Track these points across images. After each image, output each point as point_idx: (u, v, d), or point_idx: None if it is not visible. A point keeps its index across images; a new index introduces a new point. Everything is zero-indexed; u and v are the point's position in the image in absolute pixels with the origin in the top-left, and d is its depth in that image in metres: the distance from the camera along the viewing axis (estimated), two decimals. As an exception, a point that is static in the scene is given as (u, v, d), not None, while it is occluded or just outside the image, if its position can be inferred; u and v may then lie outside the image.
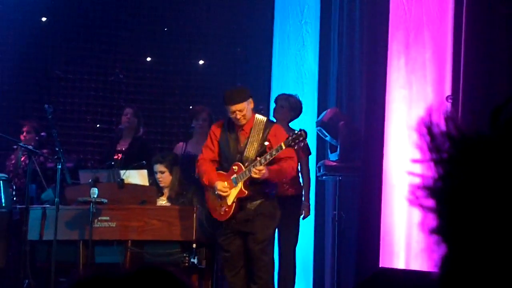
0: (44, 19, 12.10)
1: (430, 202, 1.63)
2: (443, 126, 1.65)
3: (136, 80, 12.39)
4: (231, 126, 8.47)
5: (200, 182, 9.03)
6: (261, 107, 9.24)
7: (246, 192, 8.37)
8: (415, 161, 1.66)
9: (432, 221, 1.63)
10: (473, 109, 8.64)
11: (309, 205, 9.56)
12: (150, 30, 12.47)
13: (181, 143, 10.37)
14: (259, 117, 8.48)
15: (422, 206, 1.62)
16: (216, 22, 12.34)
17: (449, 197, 1.62)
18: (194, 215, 8.85)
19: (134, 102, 11.44)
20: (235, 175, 8.35)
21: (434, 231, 1.63)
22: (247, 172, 8.29)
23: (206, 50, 12.37)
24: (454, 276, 1.63)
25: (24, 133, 10.30)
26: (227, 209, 8.42)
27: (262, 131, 8.39)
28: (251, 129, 8.39)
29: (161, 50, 12.46)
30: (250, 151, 8.34)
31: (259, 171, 8.18)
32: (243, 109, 8.37)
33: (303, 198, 9.48)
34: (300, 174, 9.44)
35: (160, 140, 11.81)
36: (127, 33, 12.45)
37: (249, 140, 8.35)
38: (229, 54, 12.28)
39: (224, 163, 8.50)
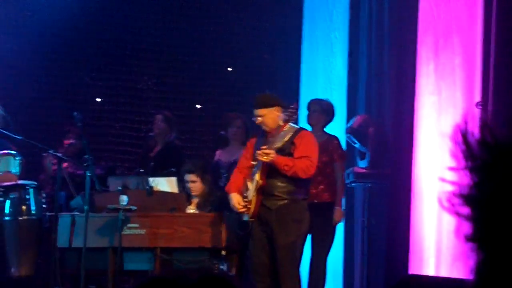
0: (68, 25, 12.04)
1: (465, 210, 1.65)
2: (477, 134, 1.66)
3: (164, 87, 12.43)
4: (264, 132, 8.55)
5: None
6: (291, 106, 9.25)
7: (261, 181, 8.38)
8: (450, 168, 1.68)
9: (468, 228, 1.65)
10: (504, 116, 8.65)
11: (340, 209, 9.49)
12: (179, 36, 12.44)
13: (219, 151, 10.42)
14: (291, 124, 8.52)
15: (457, 214, 1.65)
16: (245, 29, 12.36)
17: (484, 204, 1.63)
18: (223, 222, 8.89)
19: (163, 109, 11.37)
20: (253, 169, 8.44)
21: (469, 238, 1.65)
22: (258, 162, 8.37)
23: (235, 56, 12.37)
24: (491, 283, 1.64)
25: (70, 140, 10.34)
26: (248, 206, 8.43)
27: (289, 135, 8.41)
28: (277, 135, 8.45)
29: (190, 57, 12.42)
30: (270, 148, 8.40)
31: (266, 154, 8.23)
32: (263, 115, 8.46)
33: None
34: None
35: (189, 147, 11.79)
36: (155, 39, 12.46)
37: (272, 141, 8.40)
38: (258, 61, 12.27)
39: None
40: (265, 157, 8.26)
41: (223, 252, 8.84)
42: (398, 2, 10.43)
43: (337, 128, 10.21)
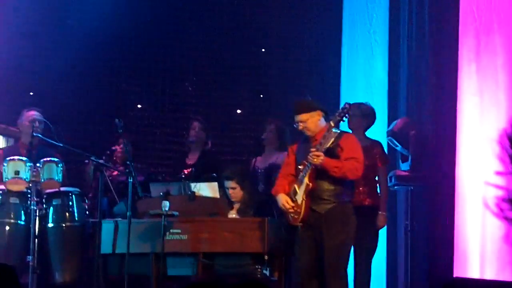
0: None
1: None
2: None
3: (204, 92, 12.43)
4: (307, 138, 8.55)
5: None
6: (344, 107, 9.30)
7: (311, 184, 8.36)
8: (497, 173, 1.68)
9: None
10: None
11: (385, 215, 9.49)
12: (218, 45, 12.44)
13: (259, 158, 10.43)
14: (333, 128, 8.43)
15: (506, 218, 1.65)
16: (284, 33, 12.29)
17: None
18: (265, 226, 8.84)
19: (203, 115, 11.43)
20: (300, 173, 8.41)
21: None
22: (308, 164, 8.33)
23: (275, 62, 12.32)
24: None
25: (122, 146, 10.36)
26: (298, 210, 8.42)
27: (333, 138, 8.34)
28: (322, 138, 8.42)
29: (229, 63, 12.41)
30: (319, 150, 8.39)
31: (316, 156, 8.21)
32: (305, 120, 8.50)
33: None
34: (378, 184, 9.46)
35: (230, 152, 11.83)
36: (195, 47, 12.43)
37: (319, 144, 8.36)
38: (298, 65, 12.21)
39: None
40: (315, 159, 8.24)
41: (266, 257, 8.77)
42: (438, 3, 10.40)
43: (379, 131, 10.27)
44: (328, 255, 8.39)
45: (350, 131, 9.23)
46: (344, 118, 8.46)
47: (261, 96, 12.37)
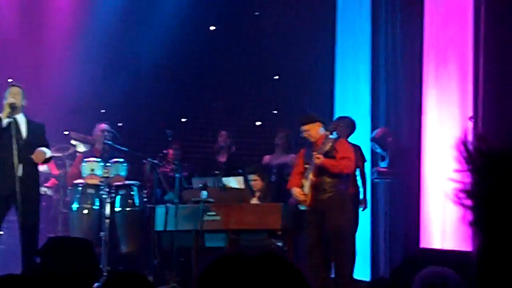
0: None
1: (468, 202, 1.66)
2: (475, 144, 1.68)
3: (229, 109, 12.25)
4: (311, 143, 8.64)
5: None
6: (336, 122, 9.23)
7: (315, 178, 8.44)
8: (455, 170, 1.69)
9: (470, 216, 1.66)
10: (492, 127, 8.60)
11: (366, 199, 9.58)
12: (240, 68, 12.23)
13: (268, 156, 10.48)
14: (330, 135, 8.57)
15: (462, 205, 1.66)
16: (290, 62, 11.88)
17: (483, 198, 1.65)
18: (279, 210, 8.89)
19: (228, 126, 11.28)
20: (307, 171, 8.52)
21: (472, 224, 1.65)
22: (312, 164, 8.45)
23: (286, 87, 12.08)
24: (490, 259, 1.65)
25: (173, 149, 10.37)
26: (305, 198, 8.52)
27: (330, 143, 8.47)
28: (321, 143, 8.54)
29: (246, 89, 12.32)
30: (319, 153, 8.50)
31: (317, 158, 8.35)
32: (308, 129, 8.59)
33: (361, 195, 9.45)
34: (359, 177, 9.43)
35: (250, 154, 11.53)
36: (223, 71, 12.20)
37: (319, 148, 8.50)
38: (301, 87, 11.84)
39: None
40: (316, 160, 8.38)
41: (279, 233, 8.91)
42: (406, 33, 10.35)
43: (363, 137, 10.19)
44: (330, 233, 8.43)
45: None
46: (336, 128, 8.56)
47: (275, 112, 12.20)
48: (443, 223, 9.27)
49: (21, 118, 8.42)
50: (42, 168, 8.90)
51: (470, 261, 1.71)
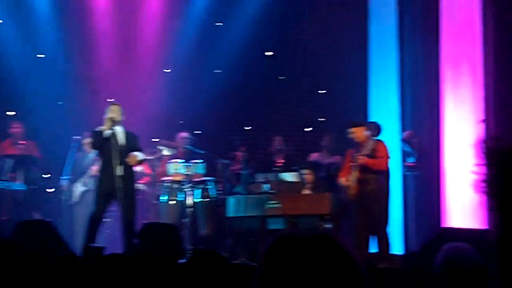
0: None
1: (487, 190, 1.70)
2: (489, 143, 1.72)
3: (284, 118, 11.96)
4: (357, 144, 8.63)
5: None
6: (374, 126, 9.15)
7: (359, 174, 8.45)
8: (476, 164, 1.73)
9: (490, 201, 1.70)
10: (503, 130, 8.55)
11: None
12: (292, 81, 11.97)
13: (315, 154, 10.42)
14: (372, 138, 8.64)
15: (483, 192, 1.70)
16: (329, 76, 11.70)
17: (498, 187, 1.69)
18: (329, 198, 8.92)
19: (284, 131, 11.12)
20: (353, 167, 8.54)
21: (490, 208, 1.70)
22: (357, 162, 8.48)
23: (330, 98, 11.84)
24: (506, 235, 1.68)
25: (240, 152, 10.32)
26: (352, 190, 8.53)
27: (371, 144, 8.51)
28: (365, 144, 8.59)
29: (297, 99, 11.95)
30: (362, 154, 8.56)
31: (361, 158, 8.41)
32: (355, 132, 8.59)
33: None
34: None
35: (301, 155, 10.98)
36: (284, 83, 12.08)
37: (363, 149, 8.54)
38: (344, 97, 11.50)
39: None
40: (360, 160, 8.41)
41: (328, 217, 8.86)
42: (426, 48, 10.17)
43: (394, 138, 10.07)
44: (372, 216, 8.46)
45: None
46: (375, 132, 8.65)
47: (321, 119, 11.91)
48: (462, 205, 9.17)
49: (120, 130, 8.54)
50: (137, 168, 8.96)
51: (484, 237, 1.73)
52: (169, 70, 11.84)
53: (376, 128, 9.32)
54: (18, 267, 1.78)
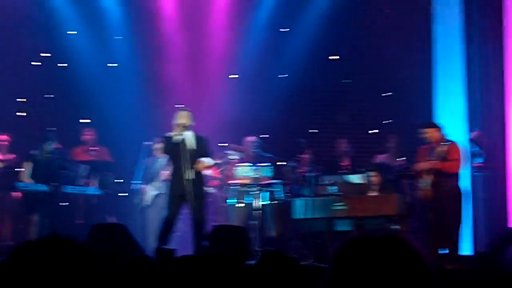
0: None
1: None
2: None
3: (351, 120, 11.95)
4: (430, 144, 8.64)
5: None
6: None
7: (432, 176, 8.42)
8: None
9: None
10: None
11: None
12: (356, 91, 11.94)
13: (381, 156, 10.33)
14: (445, 138, 8.62)
15: None
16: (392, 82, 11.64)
17: None
18: (395, 199, 8.84)
19: (349, 134, 11.10)
20: (425, 169, 8.51)
21: None
22: (430, 165, 8.47)
23: (395, 100, 11.79)
24: None
25: (307, 154, 10.29)
26: (425, 191, 8.52)
27: (445, 146, 8.50)
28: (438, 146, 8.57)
29: (367, 105, 11.90)
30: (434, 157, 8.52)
31: (434, 162, 8.37)
32: (428, 133, 8.61)
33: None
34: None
35: (364, 157, 11.06)
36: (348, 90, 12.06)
37: (436, 150, 8.53)
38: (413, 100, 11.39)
39: None
40: (434, 164, 8.41)
41: (395, 218, 8.74)
42: (491, 52, 10.12)
43: (462, 139, 9.90)
44: (446, 216, 8.43)
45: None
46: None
47: (386, 122, 11.82)
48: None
49: (190, 135, 8.62)
50: (206, 172, 9.03)
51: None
52: (236, 76, 11.97)
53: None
54: (92, 269, 1.80)
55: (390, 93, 11.79)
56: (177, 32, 11.95)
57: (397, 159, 10.01)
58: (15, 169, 9.93)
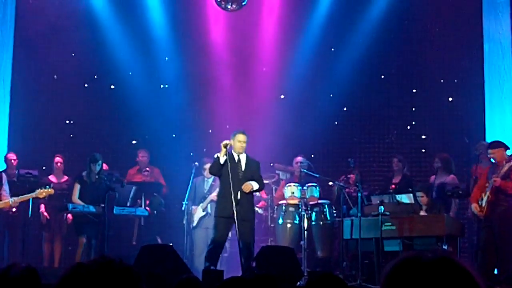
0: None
1: None
2: None
3: (400, 139, 11.82)
4: (495, 163, 8.61)
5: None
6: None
7: (491, 196, 8.39)
8: None
9: None
10: None
11: None
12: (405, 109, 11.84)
13: (433, 176, 10.16)
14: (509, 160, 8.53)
15: None
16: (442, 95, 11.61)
17: None
18: (444, 219, 8.76)
19: (402, 154, 10.93)
20: (486, 187, 8.47)
21: None
22: (491, 183, 8.41)
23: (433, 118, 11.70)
24: None
25: (355, 174, 10.09)
26: (482, 210, 8.50)
27: (508, 166, 8.43)
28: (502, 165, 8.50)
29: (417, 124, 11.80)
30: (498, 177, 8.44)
31: (495, 180, 8.33)
32: (494, 153, 8.61)
33: None
34: None
35: (419, 175, 11.19)
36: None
37: (499, 170, 8.45)
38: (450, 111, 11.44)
39: None
40: (495, 182, 8.34)
41: (444, 239, 8.63)
42: None
43: None
44: (502, 237, 8.39)
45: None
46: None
47: (424, 137, 11.77)
48: None
49: (242, 156, 8.66)
50: (255, 193, 8.97)
51: None
52: (282, 97, 11.97)
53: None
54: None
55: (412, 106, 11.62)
56: (226, 54, 12.02)
57: (444, 177, 9.80)
58: (67, 191, 10.07)
